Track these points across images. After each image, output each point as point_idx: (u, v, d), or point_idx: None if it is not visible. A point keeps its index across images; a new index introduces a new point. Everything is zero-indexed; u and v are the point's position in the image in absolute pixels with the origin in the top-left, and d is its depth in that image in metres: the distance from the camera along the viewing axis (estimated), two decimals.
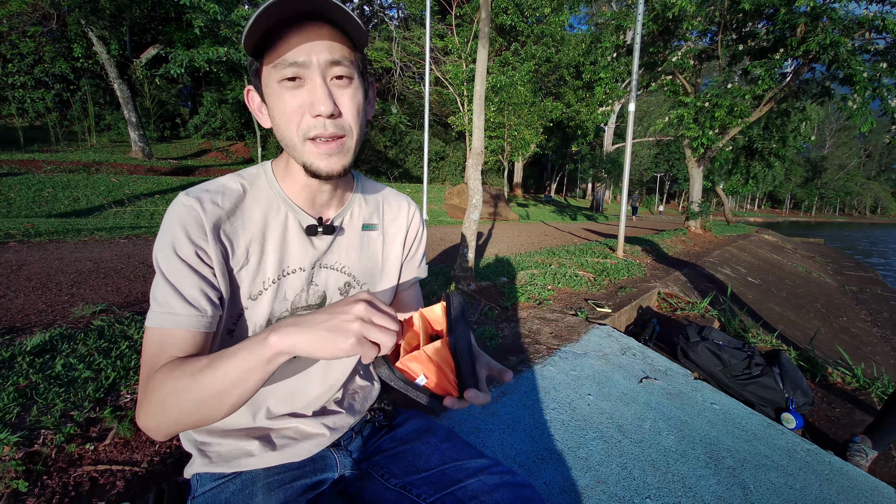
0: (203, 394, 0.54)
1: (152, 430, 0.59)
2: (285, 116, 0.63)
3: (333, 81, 0.63)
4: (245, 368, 0.53)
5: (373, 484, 0.81)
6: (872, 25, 7.37)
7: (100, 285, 2.55)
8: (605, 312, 3.01)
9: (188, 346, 0.62)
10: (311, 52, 0.60)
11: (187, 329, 0.62)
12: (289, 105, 0.63)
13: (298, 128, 0.64)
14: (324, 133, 0.63)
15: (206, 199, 0.66)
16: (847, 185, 73.10)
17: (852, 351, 4.27)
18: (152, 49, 13.29)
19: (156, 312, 0.62)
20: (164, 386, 0.57)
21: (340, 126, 0.65)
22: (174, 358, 0.61)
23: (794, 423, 2.28)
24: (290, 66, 0.60)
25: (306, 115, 0.63)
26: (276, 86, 0.62)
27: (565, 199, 34.74)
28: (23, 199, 7.35)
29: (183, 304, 0.62)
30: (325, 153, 0.65)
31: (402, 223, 0.90)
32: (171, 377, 0.57)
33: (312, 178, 0.68)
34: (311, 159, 0.65)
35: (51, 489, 1.02)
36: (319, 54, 0.61)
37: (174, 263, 0.62)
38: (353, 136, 0.67)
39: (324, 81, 0.62)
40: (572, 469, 1.39)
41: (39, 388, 1.29)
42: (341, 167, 0.67)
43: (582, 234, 9.91)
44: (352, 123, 0.66)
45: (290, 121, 0.63)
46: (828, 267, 11.91)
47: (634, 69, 5.66)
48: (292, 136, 0.64)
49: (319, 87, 0.62)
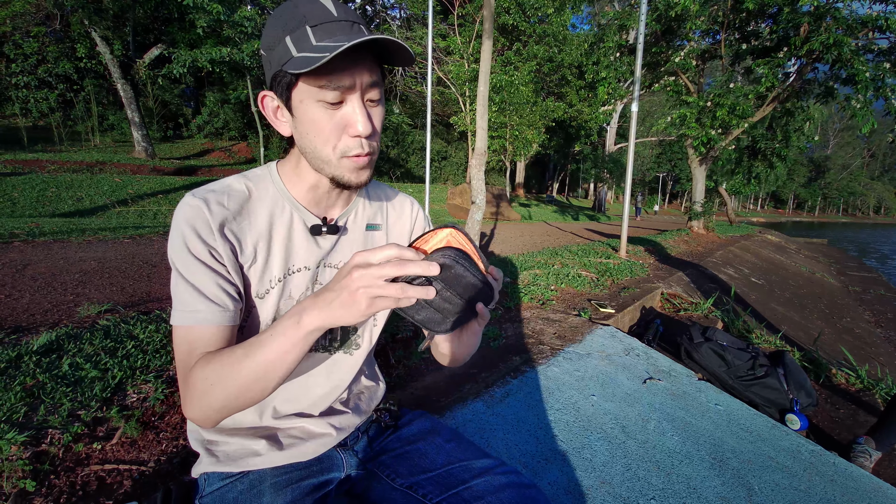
0: (246, 380, 0.58)
1: (200, 419, 0.63)
2: (322, 135, 0.64)
3: (368, 103, 0.65)
4: (282, 350, 0.57)
5: (379, 484, 0.81)
6: (876, 25, 7.34)
7: (105, 285, 2.56)
8: (609, 313, 3.01)
9: (216, 341, 0.64)
10: (355, 76, 0.61)
11: (213, 325, 0.64)
12: (327, 125, 0.64)
13: (336, 147, 0.65)
14: (362, 152, 0.66)
15: (212, 199, 0.67)
16: (850, 186, 72.86)
17: (856, 352, 4.26)
18: (155, 49, 13.34)
19: (179, 311, 0.64)
20: (206, 378, 0.60)
21: (372, 145, 0.68)
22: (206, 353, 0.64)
23: (798, 424, 2.28)
24: (336, 90, 0.61)
25: (344, 135, 0.65)
26: (312, 103, 0.63)
27: (567, 199, 34.70)
28: (27, 198, 7.38)
29: (204, 302, 0.64)
30: (358, 167, 0.68)
31: (406, 223, 0.90)
32: (211, 369, 0.60)
33: (338, 187, 0.71)
34: (345, 174, 0.68)
35: (58, 488, 1.03)
36: (363, 78, 0.62)
37: (190, 262, 0.64)
38: (377, 151, 0.70)
39: (363, 104, 0.64)
40: (577, 469, 1.39)
41: (46, 388, 1.29)
42: (368, 177, 0.70)
43: (584, 235, 9.90)
44: (378, 139, 0.70)
45: (328, 140, 0.64)
46: (831, 267, 11.87)
47: (637, 69, 5.65)
48: (328, 153, 0.66)
49: (360, 109, 0.63)
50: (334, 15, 0.61)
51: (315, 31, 0.59)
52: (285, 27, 0.60)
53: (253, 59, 11.98)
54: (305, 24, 0.59)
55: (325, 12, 0.60)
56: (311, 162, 0.69)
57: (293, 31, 0.60)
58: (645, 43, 6.08)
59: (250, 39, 11.79)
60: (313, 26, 0.59)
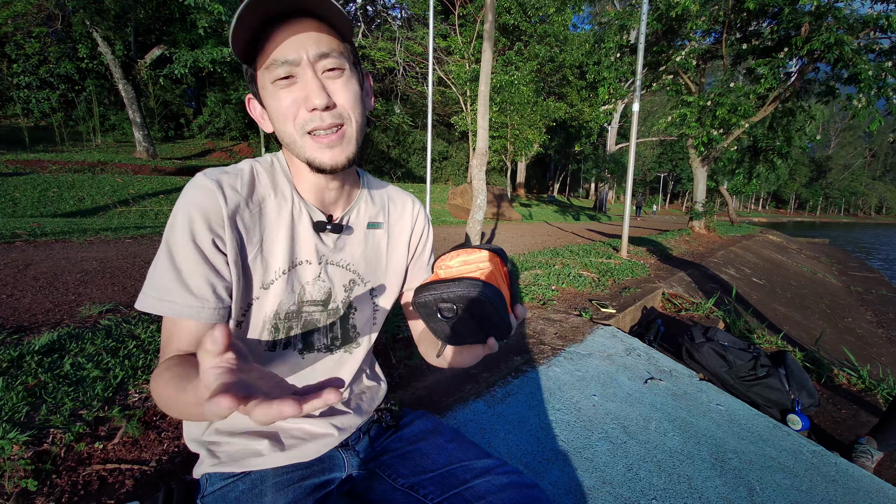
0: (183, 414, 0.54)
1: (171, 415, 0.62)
2: (282, 114, 0.63)
3: (325, 74, 0.63)
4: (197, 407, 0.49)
5: (380, 484, 0.81)
6: (877, 25, 7.33)
7: (106, 285, 2.57)
8: (610, 313, 3.01)
9: (193, 338, 0.63)
10: (299, 48, 0.60)
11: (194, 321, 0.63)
12: (284, 103, 0.62)
13: (295, 123, 0.64)
14: (321, 125, 0.63)
15: (226, 182, 0.65)
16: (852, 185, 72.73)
17: (858, 352, 4.25)
18: (157, 49, 13.36)
19: (151, 297, 0.61)
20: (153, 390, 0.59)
21: (338, 115, 0.64)
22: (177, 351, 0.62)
23: (799, 424, 2.28)
24: (282, 65, 0.60)
25: (302, 110, 0.63)
26: (270, 87, 0.62)
27: (568, 199, 34.68)
28: (28, 198, 7.39)
29: (185, 294, 0.61)
30: (326, 145, 0.65)
31: (407, 222, 0.90)
32: (157, 388, 0.57)
33: (318, 173, 0.68)
34: (313, 154, 0.65)
35: (60, 488, 1.03)
36: (308, 49, 0.61)
37: (186, 248, 0.62)
38: (352, 123, 0.66)
39: (315, 75, 0.62)
40: (578, 470, 1.39)
41: (48, 388, 1.30)
42: (345, 158, 0.67)
43: (585, 235, 9.89)
44: (349, 111, 0.65)
45: (287, 118, 0.63)
46: (833, 267, 11.85)
47: (639, 69, 5.64)
48: (291, 132, 0.64)
49: (311, 80, 0.61)
50: None
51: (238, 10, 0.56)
52: None
53: None
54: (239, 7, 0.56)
55: None
56: (288, 149, 0.68)
57: None
58: (646, 42, 6.07)
59: None
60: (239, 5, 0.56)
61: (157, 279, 0.62)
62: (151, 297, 0.61)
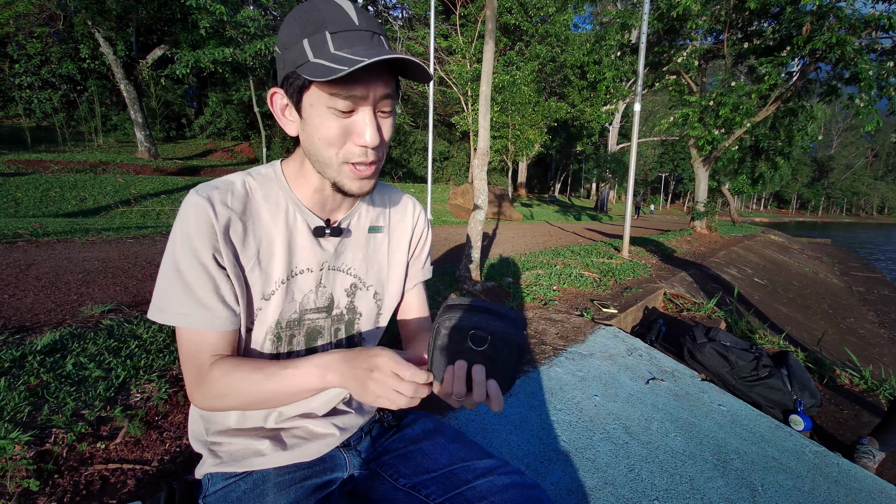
0: (260, 398, 0.65)
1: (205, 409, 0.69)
2: (327, 140, 0.63)
3: (379, 113, 0.65)
4: (299, 389, 0.64)
5: (382, 484, 0.81)
6: (878, 24, 7.31)
7: (108, 285, 2.57)
8: (611, 313, 3.01)
9: (222, 344, 0.67)
10: (369, 88, 0.61)
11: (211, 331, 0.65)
12: (333, 130, 0.63)
13: (339, 152, 0.64)
14: (366, 160, 0.65)
15: (217, 198, 0.66)
16: (854, 185, 72.60)
17: (860, 352, 4.24)
18: (158, 50, 13.38)
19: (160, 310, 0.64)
20: (226, 385, 0.65)
21: (378, 155, 0.67)
22: (217, 356, 0.66)
23: (801, 424, 2.27)
24: (349, 98, 0.60)
25: (350, 143, 0.64)
26: (323, 109, 0.62)
27: (569, 199, 34.66)
28: (30, 198, 7.41)
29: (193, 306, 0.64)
30: (360, 178, 0.67)
31: (408, 225, 0.90)
32: (231, 378, 0.65)
33: (339, 193, 0.71)
34: (345, 181, 0.67)
35: (62, 488, 1.03)
36: (377, 90, 0.62)
37: (190, 265, 0.63)
38: (383, 160, 0.70)
39: (374, 116, 0.63)
40: (579, 470, 1.39)
41: (50, 388, 1.30)
42: (370, 187, 0.70)
43: (586, 235, 9.89)
44: (385, 150, 0.69)
45: (333, 144, 0.64)
46: (834, 268, 11.83)
47: (640, 68, 5.64)
48: (331, 157, 0.65)
49: (371, 121, 0.63)
50: (356, 24, 0.60)
51: (334, 39, 0.58)
52: (304, 29, 0.59)
53: (255, 59, 12.01)
54: (325, 30, 0.58)
55: (346, 20, 0.59)
56: (315, 164, 0.68)
57: (311, 35, 0.59)
58: (647, 42, 6.06)
59: (253, 40, 11.82)
60: (333, 33, 0.58)
61: (165, 293, 0.64)
62: (160, 308, 0.64)
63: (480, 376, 0.57)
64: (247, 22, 11.31)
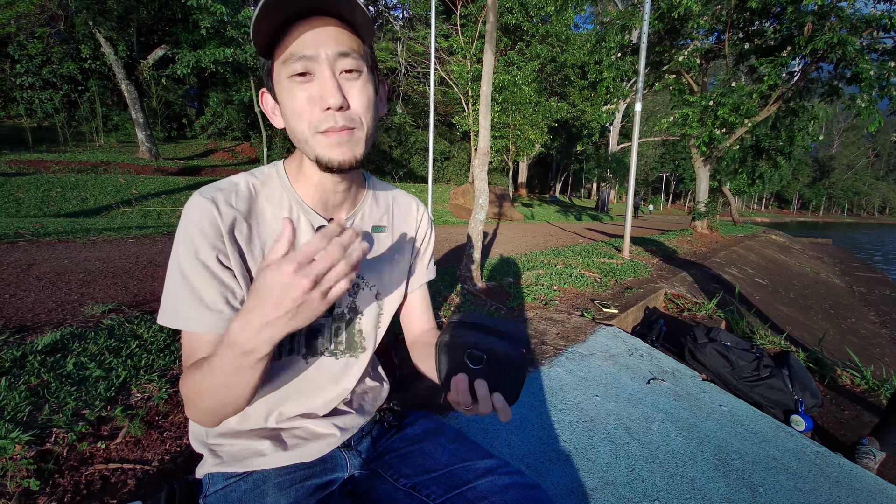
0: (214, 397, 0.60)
1: (198, 422, 0.66)
2: (296, 112, 0.63)
3: (343, 75, 0.63)
4: (229, 374, 0.56)
5: (382, 484, 0.81)
6: (880, 24, 7.30)
7: (109, 285, 2.57)
8: (612, 313, 3.00)
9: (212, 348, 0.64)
10: (318, 46, 0.60)
11: (206, 332, 0.64)
12: (298, 100, 0.62)
13: (309, 122, 0.63)
14: (334, 126, 0.63)
15: (221, 199, 0.66)
16: (855, 185, 72.54)
17: (861, 352, 4.23)
18: (159, 50, 13.40)
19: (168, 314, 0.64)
20: (187, 389, 0.62)
21: (350, 118, 0.64)
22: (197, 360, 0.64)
23: (803, 425, 2.27)
24: (299, 60, 0.60)
25: (316, 109, 0.62)
26: (286, 82, 0.62)
27: (570, 199, 34.65)
28: (32, 198, 7.42)
29: (199, 309, 0.63)
30: (336, 142, 0.64)
31: (412, 225, 0.90)
32: (190, 381, 0.61)
33: (326, 172, 0.68)
34: (323, 151, 0.64)
35: (62, 488, 1.03)
36: (328, 47, 0.60)
37: (195, 267, 0.63)
38: (363, 128, 0.66)
39: (333, 75, 0.61)
40: (580, 470, 1.39)
41: (51, 387, 1.30)
42: (353, 156, 0.66)
43: (587, 235, 9.88)
44: (362, 116, 0.65)
45: (301, 115, 0.63)
46: (836, 268, 11.81)
47: (641, 68, 5.63)
48: (303, 129, 0.64)
49: (329, 80, 0.61)
50: None
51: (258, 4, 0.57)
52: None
53: (256, 59, 12.01)
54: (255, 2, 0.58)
55: None
56: (299, 146, 0.68)
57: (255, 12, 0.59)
58: (648, 42, 6.06)
59: None
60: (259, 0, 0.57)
61: (172, 296, 0.63)
62: (168, 312, 0.63)
63: (483, 391, 0.58)
64: (247, 22, 11.33)
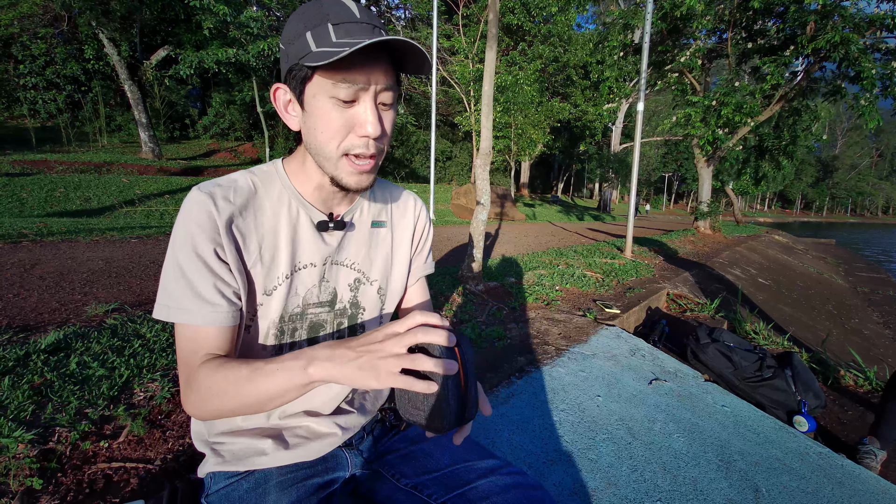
0: (244, 400, 0.61)
1: (195, 415, 0.65)
2: (329, 132, 0.64)
3: (380, 105, 0.65)
4: (283, 389, 0.59)
5: (384, 484, 0.81)
6: (883, 24, 7.28)
7: (112, 284, 2.58)
8: (614, 313, 3.00)
9: (219, 342, 0.65)
10: (370, 78, 0.62)
11: (209, 326, 0.64)
12: (334, 121, 0.63)
13: (340, 144, 0.65)
14: (365, 153, 0.65)
15: (218, 194, 0.66)
16: (858, 185, 72.25)
17: (864, 353, 4.22)
18: (162, 50, 13.44)
19: (165, 306, 0.63)
20: (209, 387, 0.62)
21: (379, 148, 0.67)
22: (210, 355, 0.64)
23: (806, 425, 2.26)
24: (350, 87, 0.61)
25: (351, 134, 0.64)
26: (325, 99, 0.63)
27: (572, 199, 34.60)
28: (35, 198, 7.45)
29: (197, 302, 0.63)
30: (358, 172, 0.67)
31: (410, 220, 0.91)
32: (216, 379, 0.61)
33: (338, 189, 0.71)
34: (343, 176, 0.67)
35: (65, 486, 1.03)
36: (378, 79, 0.62)
37: (192, 260, 0.63)
38: (382, 155, 0.70)
39: (374, 106, 0.64)
40: (582, 471, 1.38)
41: (54, 386, 1.30)
42: (369, 183, 0.70)
43: (589, 235, 9.87)
44: (386, 144, 0.69)
45: (334, 137, 0.64)
46: (839, 268, 11.77)
47: (643, 68, 5.62)
48: (331, 150, 0.65)
49: (371, 111, 0.63)
50: (357, 16, 0.61)
51: (336, 30, 0.60)
52: (307, 23, 0.61)
53: (259, 60, 12.04)
54: (328, 22, 0.60)
55: (348, 13, 0.61)
56: (315, 158, 0.69)
57: (314, 28, 0.60)
58: (650, 42, 6.05)
59: (256, 40, 11.85)
60: (335, 24, 0.60)
61: (169, 290, 0.63)
62: (165, 305, 0.63)
63: None
64: (250, 22, 11.34)
